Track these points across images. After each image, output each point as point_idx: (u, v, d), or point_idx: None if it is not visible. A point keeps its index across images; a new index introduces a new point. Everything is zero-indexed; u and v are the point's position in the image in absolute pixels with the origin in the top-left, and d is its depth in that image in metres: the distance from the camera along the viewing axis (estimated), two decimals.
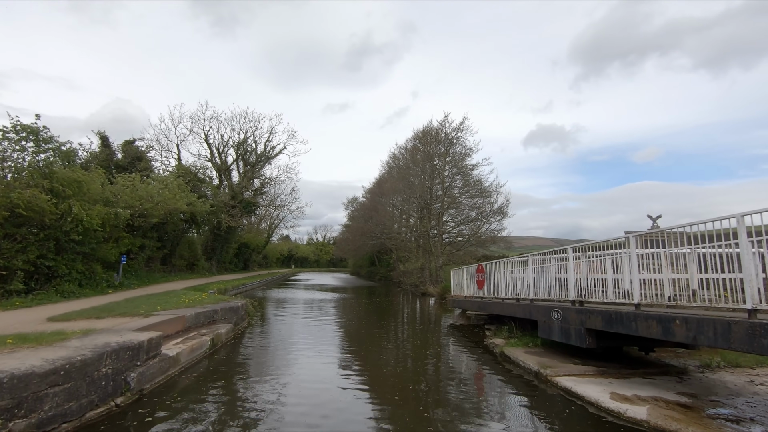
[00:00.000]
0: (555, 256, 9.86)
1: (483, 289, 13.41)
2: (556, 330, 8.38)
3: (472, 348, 10.47)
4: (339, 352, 9.50)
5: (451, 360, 9.37)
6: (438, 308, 21.30)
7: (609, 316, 6.80)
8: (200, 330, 9.05)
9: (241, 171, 37.91)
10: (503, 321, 12.59)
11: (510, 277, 11.83)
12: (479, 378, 7.85)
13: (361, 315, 17.05)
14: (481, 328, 13.52)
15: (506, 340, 10.48)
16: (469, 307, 14.48)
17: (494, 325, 13.10)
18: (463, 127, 31.76)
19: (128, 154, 22.15)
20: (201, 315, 9.58)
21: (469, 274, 15.00)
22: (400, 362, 8.84)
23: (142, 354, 5.68)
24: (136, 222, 17.63)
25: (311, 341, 10.67)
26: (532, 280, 10.09)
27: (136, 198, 17.29)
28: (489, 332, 12.24)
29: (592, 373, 7.19)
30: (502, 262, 12.12)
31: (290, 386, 6.73)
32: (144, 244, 19.45)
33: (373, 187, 50.56)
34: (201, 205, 21.82)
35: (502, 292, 11.84)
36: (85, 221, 13.52)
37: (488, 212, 30.83)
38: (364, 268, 64.08)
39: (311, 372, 7.68)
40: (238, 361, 8.30)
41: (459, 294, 16.23)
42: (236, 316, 11.36)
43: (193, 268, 28.85)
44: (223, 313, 10.62)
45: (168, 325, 8.12)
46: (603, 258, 8.22)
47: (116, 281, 16.30)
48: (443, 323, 15.60)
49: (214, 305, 10.97)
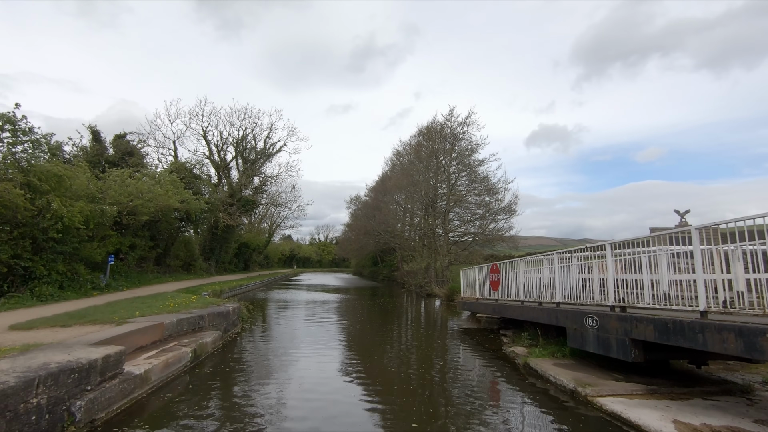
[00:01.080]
0: (582, 255, 8.72)
1: (498, 291, 12.26)
2: (591, 339, 7.23)
3: (490, 358, 9.31)
4: (340, 363, 8.38)
5: (469, 373, 8.22)
6: (445, 310, 20.15)
7: (664, 326, 5.64)
8: (182, 339, 7.95)
9: (240, 169, 36.88)
10: (521, 326, 11.45)
11: (529, 277, 10.68)
12: (504, 397, 6.70)
13: (364, 318, 15.93)
14: (496, 333, 12.38)
15: (528, 349, 9.33)
16: (481, 310, 13.33)
17: (510, 330, 11.95)
18: (470, 122, 30.59)
19: (119, 148, 21.12)
20: (184, 322, 8.48)
21: (482, 275, 13.85)
22: (411, 378, 7.70)
23: (93, 375, 4.57)
24: (124, 220, 16.57)
25: (309, 350, 9.54)
26: (558, 281, 8.93)
27: (125, 194, 16.22)
28: (506, 339, 11.09)
29: (641, 393, 6.04)
30: (522, 261, 10.97)
31: (284, 407, 5.62)
32: (134, 244, 18.39)
33: (376, 185, 49.46)
34: (196, 203, 20.77)
35: (521, 295, 10.68)
36: (66, 218, 12.45)
37: (496, 210, 29.61)
38: (366, 268, 62.98)
39: (308, 388, 6.56)
40: (222, 376, 7.19)
41: (470, 296, 15.08)
42: (226, 321, 10.26)
43: (189, 268, 27.80)
44: (210, 319, 9.52)
45: (142, 335, 7.02)
46: (638, 256, 7.09)
47: (103, 283, 15.23)
48: (452, 327, 14.46)
49: (202, 310, 9.88)
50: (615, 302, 6.98)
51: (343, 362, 8.51)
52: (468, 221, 31.12)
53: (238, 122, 35.19)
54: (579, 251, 8.64)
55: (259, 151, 37.64)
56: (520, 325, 11.51)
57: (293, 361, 8.46)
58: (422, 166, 33.33)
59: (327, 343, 10.52)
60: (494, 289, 12.41)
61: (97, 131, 20.77)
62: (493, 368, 8.37)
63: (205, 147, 34.89)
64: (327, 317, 15.84)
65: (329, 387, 6.74)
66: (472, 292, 14.91)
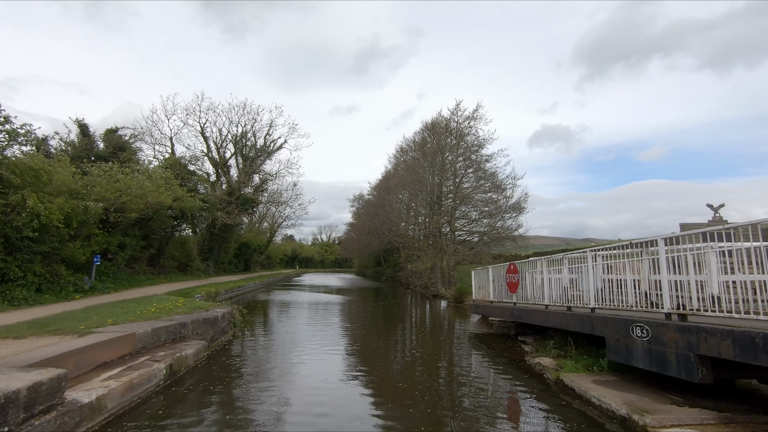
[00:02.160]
0: (620, 253, 7.57)
1: (516, 294, 11.09)
2: (640, 353, 6.06)
3: (512, 370, 8.15)
4: (343, 374, 7.25)
5: (492, 391, 7.05)
6: (452, 312, 19.01)
7: (750, 341, 4.47)
8: (156, 352, 6.84)
9: (240, 166, 35.83)
10: (542, 332, 10.29)
11: (554, 279, 9.51)
12: (536, 424, 5.54)
13: (368, 323, 14.79)
14: (513, 340, 11.21)
15: (556, 361, 8.17)
16: (496, 314, 12.17)
17: (530, 336, 10.78)
18: (477, 116, 29.42)
19: (110, 143, 20.07)
20: (162, 331, 7.37)
21: (496, 275, 12.68)
22: (427, 396, 6.55)
23: (13, 412, 3.46)
24: (112, 217, 15.51)
25: (308, 361, 8.42)
26: (591, 283, 7.76)
27: (113, 190, 15.15)
28: (527, 347, 9.92)
29: (714, 422, 4.87)
30: (544, 260, 9.80)
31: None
32: (124, 243, 17.33)
33: (379, 183, 48.32)
34: (191, 201, 19.69)
35: (545, 298, 9.51)
36: (43, 215, 11.41)
37: (505, 207, 28.38)
38: (369, 269, 61.87)
39: (301, 417, 5.42)
40: (201, 397, 6.06)
41: (482, 298, 13.91)
42: (214, 329, 9.14)
43: (186, 269, 26.75)
44: (195, 327, 8.41)
45: (105, 350, 5.91)
46: (697, 253, 5.94)
47: (87, 285, 14.15)
48: (463, 331, 13.30)
49: (186, 316, 8.77)
50: (672, 308, 5.81)
51: (347, 374, 7.37)
52: (475, 219, 29.91)
53: (237, 118, 34.16)
54: (619, 248, 7.47)
55: (259, 149, 36.60)
56: (541, 330, 10.36)
57: (288, 375, 7.33)
58: (427, 163, 32.17)
59: (327, 351, 9.39)
60: (512, 291, 11.24)
61: (84, 125, 19.73)
62: (519, 384, 7.21)
63: (203, 144, 33.89)
64: (328, 321, 14.71)
65: (333, 415, 5.60)
66: (485, 294, 13.74)
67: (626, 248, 7.32)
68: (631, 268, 7.91)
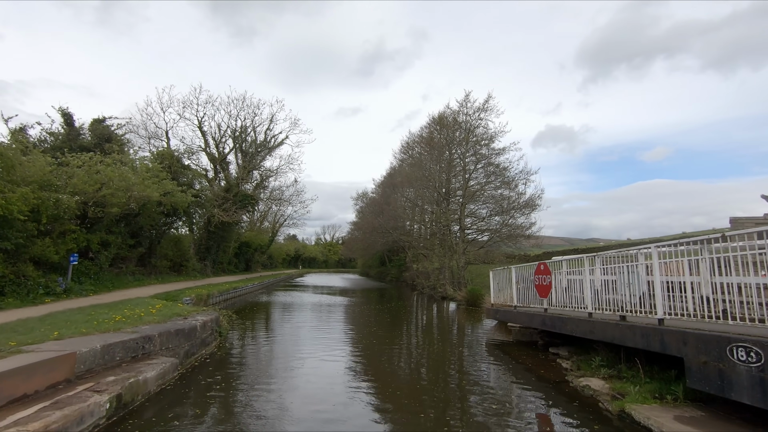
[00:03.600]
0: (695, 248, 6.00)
1: (548, 298, 9.50)
2: (745, 384, 4.47)
3: (553, 395, 6.56)
4: (348, 404, 5.71)
5: (530, 425, 5.47)
6: (464, 316, 17.46)
7: None
8: (105, 377, 5.33)
9: (240, 162, 34.38)
10: (580, 342, 8.71)
11: (600, 281, 7.92)
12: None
13: (374, 328, 13.24)
14: (543, 352, 9.63)
15: (608, 383, 6.59)
16: (522, 321, 10.58)
17: (564, 348, 9.20)
18: (488, 107, 27.77)
19: (96, 134, 18.65)
20: (116, 348, 5.86)
21: (521, 277, 11.10)
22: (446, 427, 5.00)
23: None
24: (91, 212, 14.05)
25: (302, 389, 6.89)
26: (658, 287, 6.15)
27: (91, 182, 13.69)
28: (566, 363, 8.32)
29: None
30: (586, 259, 8.20)
31: None
32: (108, 241, 15.87)
33: (384, 180, 46.79)
34: (181, 196, 18.22)
35: (587, 303, 7.92)
36: (1, 208, 9.97)
37: (518, 204, 26.71)
38: (373, 269, 60.37)
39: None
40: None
41: (503, 302, 12.34)
42: (190, 341, 7.62)
43: (180, 269, 25.31)
44: (164, 340, 6.90)
45: (25, 378, 4.41)
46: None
47: (61, 287, 12.69)
48: (479, 338, 11.73)
49: (155, 327, 7.26)
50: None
51: (353, 398, 5.82)
52: (486, 217, 28.26)
53: (236, 112, 32.72)
54: (675, 245, 5.88)
55: (260, 144, 35.17)
56: (574, 339, 8.78)
57: (278, 402, 5.80)
58: (434, 157, 30.60)
59: (329, 367, 7.85)
60: (542, 295, 9.65)
61: (69, 114, 18.30)
62: (567, 416, 5.62)
63: (201, 139, 32.47)
64: (330, 327, 13.18)
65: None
66: (506, 298, 12.17)
67: (686, 244, 5.75)
68: (675, 268, 6.37)
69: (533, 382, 7.30)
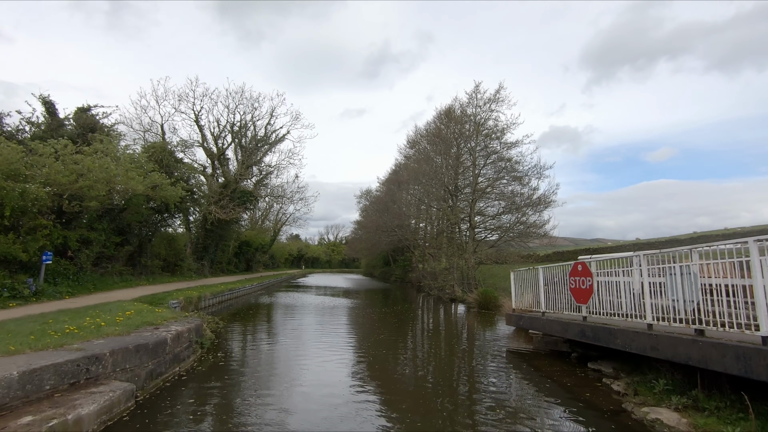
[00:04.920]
0: None
1: (588, 304, 8.02)
2: None
3: (608, 427, 5.10)
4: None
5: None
6: (475, 320, 16.01)
7: None
8: (20, 416, 3.92)
9: (239, 158, 33.05)
10: (627, 358, 7.23)
11: (653, 282, 6.42)
12: None
13: (381, 335, 11.78)
14: (579, 366, 8.14)
15: (683, 416, 5.11)
16: (553, 330, 9.10)
17: (608, 362, 7.72)
18: (499, 98, 26.22)
19: (81, 123, 17.33)
20: (45, 373, 4.44)
21: (550, 278, 9.62)
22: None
23: None
24: (66, 206, 12.71)
25: (295, 425, 5.45)
26: (760, 289, 4.67)
27: (66, 172, 12.35)
28: (616, 385, 6.82)
29: None
30: (643, 257, 6.69)
31: None
32: (89, 238, 14.53)
33: (389, 177, 45.31)
34: (172, 189, 16.86)
35: (646, 312, 6.42)
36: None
37: (532, 201, 25.15)
38: (377, 269, 58.98)
39: None
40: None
41: (527, 307, 10.86)
42: (156, 359, 6.20)
43: (175, 269, 24.00)
44: (119, 359, 5.48)
45: None
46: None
47: (30, 290, 11.34)
48: (494, 344, 10.25)
49: (109, 341, 5.86)
50: None
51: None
52: (498, 214, 26.72)
53: (234, 105, 31.38)
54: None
55: (259, 139, 33.83)
56: (619, 353, 7.31)
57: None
58: (442, 152, 29.12)
59: (327, 390, 6.40)
60: (581, 300, 8.17)
61: (50, 102, 16.98)
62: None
63: (198, 134, 31.17)
64: (331, 333, 11.73)
65: None
66: (530, 302, 10.69)
67: None
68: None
69: (582, 411, 5.82)
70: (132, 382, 5.44)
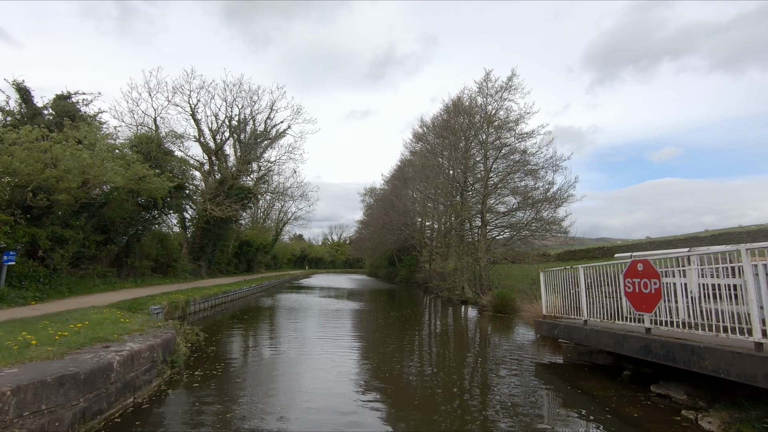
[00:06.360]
0: None
1: (653, 313, 6.37)
2: None
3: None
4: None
5: None
6: (491, 325, 14.43)
7: None
8: None
9: (238, 153, 31.59)
10: (700, 380, 5.61)
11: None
12: None
13: (390, 346, 10.17)
14: (643, 391, 6.50)
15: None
16: (602, 344, 7.46)
17: (674, 385, 6.10)
18: (511, 85, 24.54)
19: (59, 111, 15.88)
20: None
21: (595, 280, 7.97)
22: None
23: None
24: (30, 199, 11.23)
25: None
26: None
27: (31, 161, 10.87)
28: (702, 419, 5.18)
29: None
30: (745, 250, 5.05)
31: None
32: (64, 236, 13.05)
33: (394, 174, 43.73)
34: (158, 181, 15.37)
35: (755, 326, 4.78)
36: None
37: (547, 196, 23.43)
38: (382, 269, 57.38)
39: None
40: None
41: (562, 314, 9.23)
42: (94, 391, 4.62)
43: (168, 270, 22.52)
44: (29, 399, 3.92)
45: None
46: None
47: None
48: (518, 357, 8.61)
49: (29, 368, 4.31)
50: None
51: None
52: (512, 210, 25.03)
53: (232, 98, 29.93)
54: None
55: (259, 134, 32.36)
56: (689, 373, 5.69)
57: None
58: (450, 144, 27.49)
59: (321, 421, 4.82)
60: (643, 308, 6.52)
61: (25, 89, 15.55)
62: None
63: (195, 128, 29.73)
64: (333, 341, 10.14)
65: None
66: (569, 308, 9.05)
67: None
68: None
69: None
70: (48, 431, 3.88)
